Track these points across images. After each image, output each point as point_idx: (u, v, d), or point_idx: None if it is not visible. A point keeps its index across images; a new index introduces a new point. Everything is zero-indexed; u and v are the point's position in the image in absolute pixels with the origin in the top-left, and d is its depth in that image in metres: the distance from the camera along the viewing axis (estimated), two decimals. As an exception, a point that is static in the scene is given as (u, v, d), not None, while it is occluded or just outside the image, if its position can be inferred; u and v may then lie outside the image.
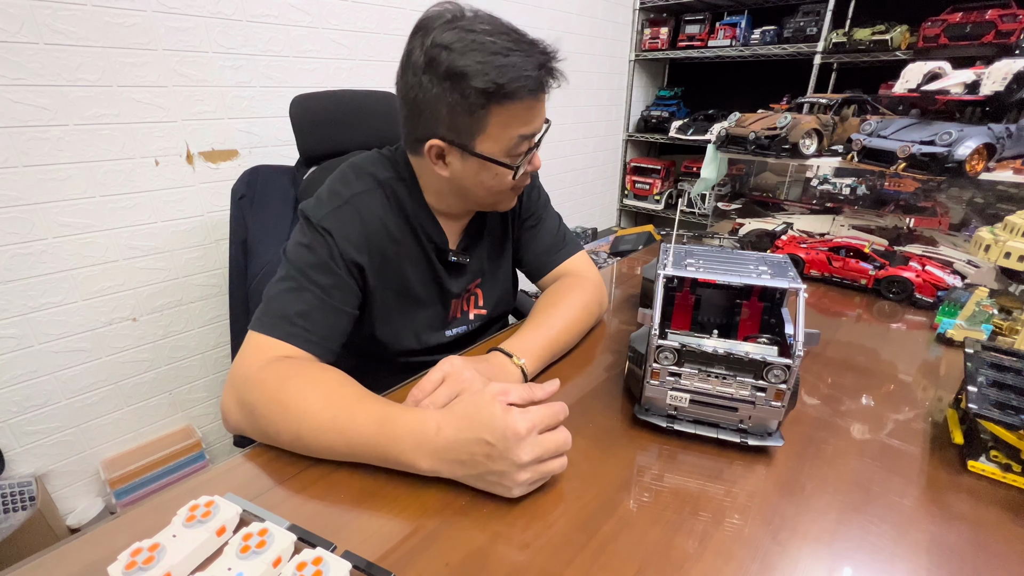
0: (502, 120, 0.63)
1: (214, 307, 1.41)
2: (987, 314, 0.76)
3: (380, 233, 0.70)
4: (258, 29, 1.30)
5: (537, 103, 0.64)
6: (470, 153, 0.65)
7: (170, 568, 0.38)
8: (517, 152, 0.66)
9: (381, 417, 0.51)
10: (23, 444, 1.19)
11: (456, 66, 0.59)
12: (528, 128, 0.65)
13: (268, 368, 0.57)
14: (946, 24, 1.73)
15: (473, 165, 0.66)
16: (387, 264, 0.72)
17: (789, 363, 0.50)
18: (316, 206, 0.68)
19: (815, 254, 1.03)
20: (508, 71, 0.59)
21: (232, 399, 0.57)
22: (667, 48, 2.60)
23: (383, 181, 0.72)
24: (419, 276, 0.76)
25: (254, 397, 0.55)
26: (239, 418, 0.57)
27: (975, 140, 0.90)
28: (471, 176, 0.68)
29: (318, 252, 0.65)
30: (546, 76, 0.63)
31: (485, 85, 0.59)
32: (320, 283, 0.64)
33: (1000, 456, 0.51)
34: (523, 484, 0.47)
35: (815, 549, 0.44)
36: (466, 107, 0.61)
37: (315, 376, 0.57)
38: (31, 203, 1.08)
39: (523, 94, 0.61)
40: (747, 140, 1.20)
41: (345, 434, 0.51)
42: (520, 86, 0.60)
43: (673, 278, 0.67)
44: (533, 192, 0.89)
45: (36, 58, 1.02)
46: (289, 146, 1.40)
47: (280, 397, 0.54)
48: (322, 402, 0.53)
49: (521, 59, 0.60)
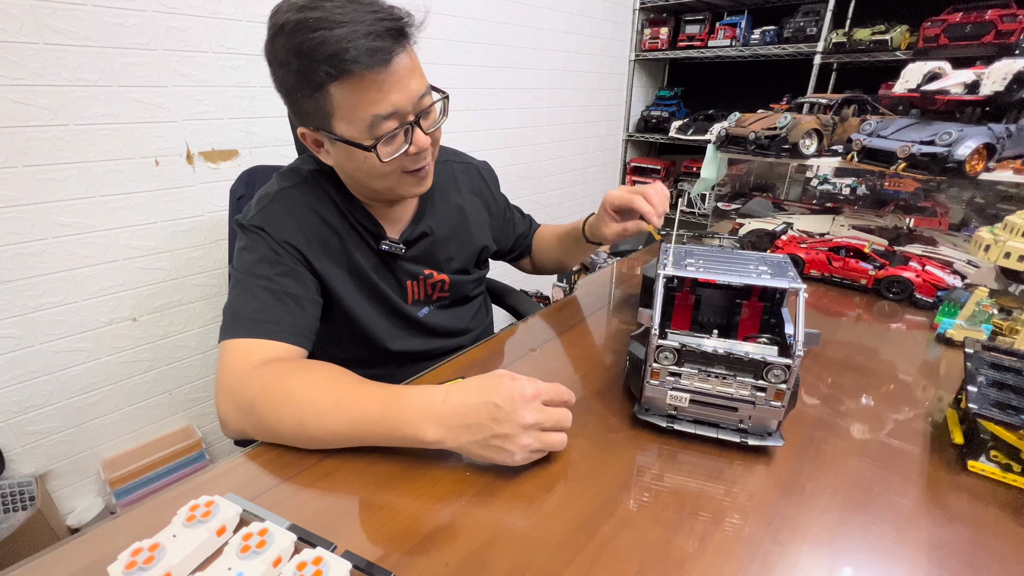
0: (347, 100, 0.58)
1: (214, 307, 1.41)
2: (987, 314, 0.76)
3: (314, 222, 0.70)
4: (258, 29, 1.30)
5: (383, 76, 0.57)
6: (333, 137, 0.62)
7: (170, 568, 0.38)
8: (381, 132, 0.60)
9: (386, 394, 0.52)
10: (23, 444, 1.19)
11: (284, 49, 0.56)
12: (382, 105, 0.58)
13: (264, 366, 0.57)
14: (946, 24, 1.73)
15: (341, 149, 0.63)
16: (332, 251, 0.72)
17: (789, 363, 0.50)
18: (245, 212, 0.70)
19: (815, 254, 1.03)
20: (335, 44, 0.53)
21: (229, 403, 0.57)
22: (667, 48, 2.59)
23: (307, 175, 0.72)
24: (369, 261, 0.76)
25: (254, 392, 0.55)
26: (238, 418, 0.56)
27: (975, 140, 0.90)
28: (346, 161, 0.65)
29: (257, 249, 0.66)
30: (383, 42, 0.55)
31: (313, 63, 0.54)
32: (267, 275, 0.65)
33: (1000, 456, 0.51)
34: (525, 449, 0.49)
35: (815, 549, 0.44)
36: (306, 91, 0.58)
37: (314, 368, 0.58)
38: (31, 203, 1.08)
39: (356, 68, 0.55)
40: (747, 140, 1.20)
41: (350, 415, 0.51)
42: (348, 59, 0.54)
43: (673, 278, 0.67)
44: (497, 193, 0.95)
45: (36, 58, 1.02)
46: (289, 146, 1.40)
47: (282, 387, 0.54)
48: (325, 388, 0.54)
49: (348, 30, 0.54)
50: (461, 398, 0.50)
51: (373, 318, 0.78)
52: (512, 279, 1.21)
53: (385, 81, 0.58)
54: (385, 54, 0.56)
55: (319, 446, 0.54)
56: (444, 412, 0.49)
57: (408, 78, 0.60)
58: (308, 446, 0.54)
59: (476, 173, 0.92)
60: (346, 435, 0.52)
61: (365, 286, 0.76)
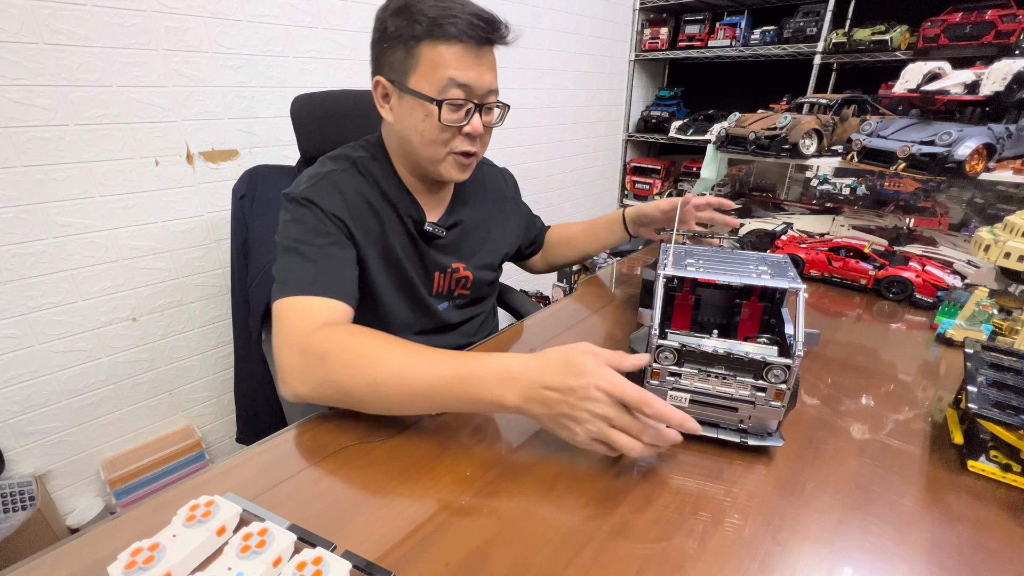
0: (432, 58, 0.66)
1: (214, 307, 1.41)
2: (987, 314, 0.76)
3: (360, 205, 0.74)
4: (258, 29, 1.30)
5: (474, 55, 0.67)
6: (404, 90, 0.68)
7: (170, 568, 0.38)
8: (447, 96, 0.67)
9: (460, 359, 0.53)
10: (23, 444, 1.19)
11: (403, 3, 0.66)
12: (460, 73, 0.66)
13: (334, 326, 0.60)
14: (946, 24, 1.73)
15: (407, 104, 0.69)
16: (371, 233, 0.75)
17: (789, 363, 0.50)
18: (295, 186, 0.73)
19: (815, 254, 1.03)
20: (443, 11, 0.64)
21: (295, 358, 0.57)
22: (667, 48, 2.59)
23: (357, 160, 0.77)
24: (404, 248, 0.79)
25: (324, 348, 0.56)
26: (303, 374, 0.56)
27: (975, 140, 0.90)
28: (406, 117, 0.71)
29: (307, 220, 0.69)
30: (482, 26, 0.66)
31: (418, 19, 0.64)
32: (317, 244, 0.68)
33: (1000, 456, 0.51)
34: (588, 435, 0.48)
35: (815, 549, 0.44)
36: (398, 43, 0.67)
37: (381, 333, 0.59)
38: (31, 203, 1.08)
39: (454, 32, 0.64)
40: (747, 140, 1.21)
41: (425, 377, 0.52)
42: (451, 24, 0.64)
43: (673, 278, 0.67)
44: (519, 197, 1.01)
45: (36, 58, 1.02)
46: (289, 146, 1.40)
47: (353, 346, 0.56)
48: (398, 349, 0.55)
49: (457, 6, 0.65)
50: (538, 373, 0.49)
51: (396, 304, 0.80)
52: (512, 279, 1.21)
53: (470, 57, 0.67)
54: (482, 33, 0.66)
55: (387, 410, 0.55)
56: (523, 382, 0.49)
57: (488, 69, 0.69)
58: (375, 410, 0.56)
59: (501, 178, 0.99)
60: (422, 397, 0.53)
61: (396, 272, 0.79)
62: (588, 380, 0.47)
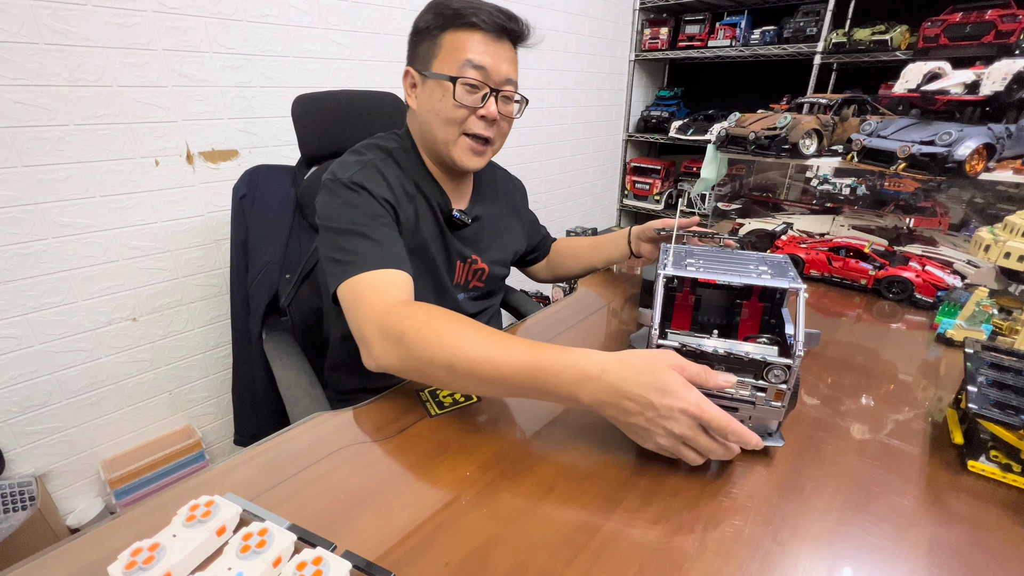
0: (453, 44, 0.71)
1: (214, 307, 1.41)
2: (987, 314, 0.76)
3: (401, 192, 0.77)
4: (258, 29, 1.30)
5: (489, 39, 0.72)
6: (427, 75, 0.74)
7: (170, 568, 0.38)
8: (463, 75, 0.71)
9: (535, 351, 0.53)
10: (23, 444, 1.19)
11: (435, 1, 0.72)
12: (477, 57, 0.71)
13: (411, 304, 0.61)
14: (946, 24, 1.72)
15: (428, 88, 0.74)
16: (408, 221, 0.78)
17: (789, 363, 0.50)
18: (342, 170, 0.74)
19: (815, 254, 1.03)
20: (467, 5, 0.70)
21: (376, 332, 0.59)
22: (667, 48, 2.59)
23: (390, 150, 0.80)
24: (432, 235, 0.82)
25: (403, 326, 0.57)
26: (386, 346, 0.58)
27: (975, 140, 0.90)
28: (426, 100, 0.75)
29: (358, 204, 0.71)
30: (501, 20, 0.71)
31: (444, 12, 0.71)
32: (372, 226, 0.70)
33: (1000, 456, 0.51)
34: (659, 446, 0.50)
35: (815, 549, 0.44)
36: (426, 36, 0.73)
37: (457, 316, 0.59)
38: (31, 203, 1.08)
39: (474, 20, 0.70)
40: (747, 140, 1.20)
41: (501, 366, 0.53)
42: (472, 13, 0.70)
43: (673, 278, 0.67)
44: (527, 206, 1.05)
45: (36, 58, 1.02)
46: (289, 146, 1.40)
47: (431, 327, 0.57)
48: (475, 335, 0.55)
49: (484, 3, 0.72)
50: (619, 380, 0.48)
51: (421, 289, 0.81)
52: (512, 279, 1.21)
53: (488, 43, 0.72)
54: (499, 24, 0.72)
55: (464, 391, 0.60)
56: (600, 385, 0.49)
57: (506, 60, 0.74)
58: (454, 389, 0.60)
59: (513, 184, 1.04)
60: (497, 382, 0.53)
61: (423, 258, 0.81)
62: (671, 401, 0.46)
